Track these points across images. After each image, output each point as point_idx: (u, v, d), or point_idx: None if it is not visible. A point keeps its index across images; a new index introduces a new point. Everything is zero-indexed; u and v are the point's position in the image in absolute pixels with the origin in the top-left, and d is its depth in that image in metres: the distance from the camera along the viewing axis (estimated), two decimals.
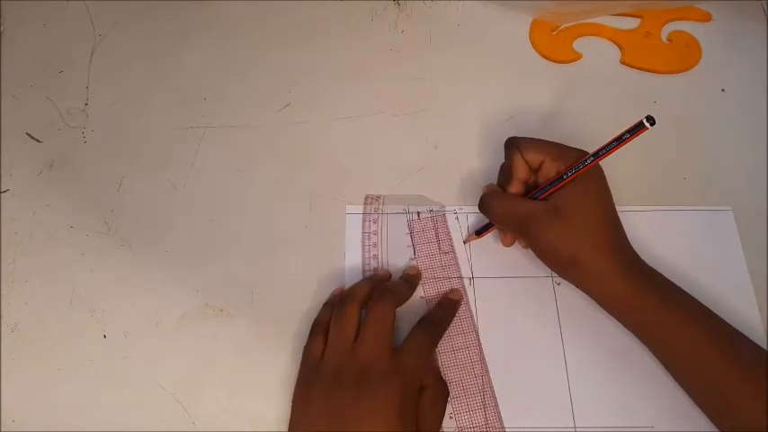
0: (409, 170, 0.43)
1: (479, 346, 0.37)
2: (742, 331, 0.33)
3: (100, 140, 0.44)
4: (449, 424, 0.35)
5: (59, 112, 0.45)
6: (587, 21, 0.49)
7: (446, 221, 0.41)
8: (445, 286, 0.39)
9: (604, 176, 0.36)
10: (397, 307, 0.35)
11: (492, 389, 0.36)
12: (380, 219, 0.41)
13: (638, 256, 0.35)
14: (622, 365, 0.37)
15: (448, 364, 0.36)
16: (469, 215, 0.41)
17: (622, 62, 0.48)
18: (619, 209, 0.36)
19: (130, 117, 0.45)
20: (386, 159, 0.43)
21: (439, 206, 0.41)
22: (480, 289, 0.39)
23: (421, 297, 0.39)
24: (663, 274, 0.35)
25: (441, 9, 0.50)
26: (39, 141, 0.44)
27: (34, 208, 0.41)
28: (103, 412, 0.35)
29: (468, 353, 0.37)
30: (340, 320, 0.34)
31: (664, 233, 0.40)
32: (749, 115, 0.46)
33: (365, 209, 0.41)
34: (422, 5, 0.51)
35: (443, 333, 0.36)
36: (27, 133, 0.44)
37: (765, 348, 0.33)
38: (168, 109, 0.45)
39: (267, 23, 0.49)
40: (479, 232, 0.40)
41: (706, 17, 0.50)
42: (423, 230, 0.41)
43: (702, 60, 0.48)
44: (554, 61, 0.48)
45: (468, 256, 0.40)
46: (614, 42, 0.48)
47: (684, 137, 0.45)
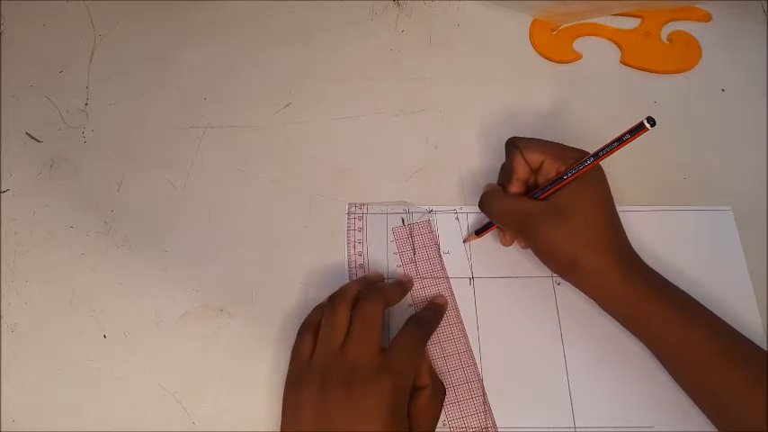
0: (409, 170, 0.43)
1: (470, 352, 0.37)
2: (742, 331, 0.33)
3: (100, 140, 0.44)
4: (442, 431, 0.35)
5: (59, 112, 0.45)
6: (587, 21, 0.49)
7: (430, 226, 0.41)
8: (434, 292, 0.39)
9: (605, 177, 0.36)
10: (387, 307, 0.35)
11: (485, 394, 0.36)
12: (366, 226, 0.41)
13: (638, 257, 0.35)
14: (622, 365, 0.37)
15: (439, 371, 0.36)
16: (469, 215, 0.41)
17: (622, 62, 0.48)
18: (619, 209, 0.36)
19: (130, 117, 0.45)
20: (386, 159, 0.43)
21: (424, 211, 0.41)
22: (480, 289, 0.39)
23: (409, 305, 0.38)
24: (663, 276, 0.35)
25: (441, 9, 0.50)
26: (39, 141, 0.44)
27: (34, 208, 0.41)
28: (103, 412, 0.35)
29: (459, 358, 0.37)
30: (330, 320, 0.34)
31: (664, 233, 0.40)
32: (749, 115, 0.46)
33: (349, 216, 0.41)
34: (422, 5, 0.51)
35: (432, 332, 0.36)
36: (27, 133, 0.44)
37: (766, 350, 0.33)
38: (168, 109, 0.45)
39: (267, 23, 0.49)
40: (479, 232, 0.40)
41: (706, 17, 0.50)
42: (409, 236, 0.41)
43: (702, 60, 0.48)
44: (554, 61, 0.48)
45: (467, 256, 0.40)
46: (614, 42, 0.48)
47: (684, 137, 0.45)
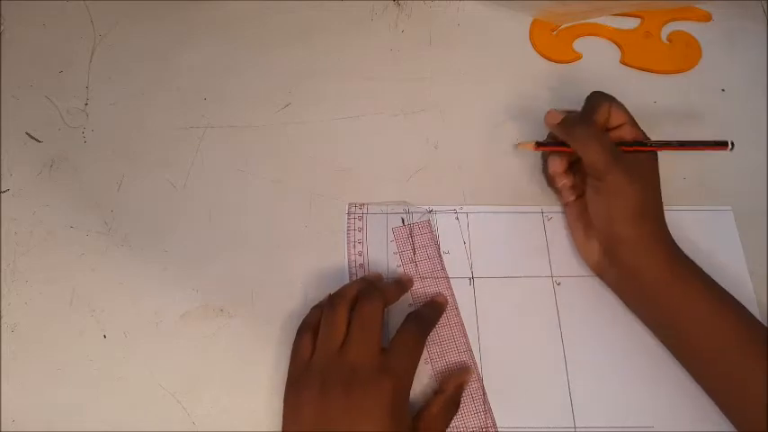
0: (409, 170, 0.43)
1: (470, 352, 0.37)
2: None
3: (100, 140, 0.44)
4: None
5: (59, 112, 0.45)
6: (587, 21, 0.49)
7: (430, 226, 0.41)
8: (434, 291, 0.39)
9: None
10: (386, 306, 0.35)
11: (485, 394, 0.36)
12: (366, 226, 0.41)
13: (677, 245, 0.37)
14: (622, 365, 0.37)
15: (439, 370, 0.36)
16: (469, 215, 0.41)
17: (622, 62, 0.48)
18: None
19: (130, 117, 0.45)
20: (386, 159, 0.43)
21: (424, 211, 0.41)
22: (480, 289, 0.39)
23: (409, 305, 0.38)
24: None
25: (441, 9, 0.50)
26: (39, 141, 0.44)
27: (34, 208, 0.41)
28: (103, 412, 0.35)
29: (459, 358, 0.37)
30: (329, 321, 0.34)
31: None
32: (749, 115, 0.46)
33: (349, 216, 0.41)
34: (422, 5, 0.51)
35: (431, 329, 0.36)
36: (27, 133, 0.44)
37: None
38: (168, 109, 0.45)
39: (267, 23, 0.49)
40: (541, 144, 0.40)
41: (706, 17, 0.50)
42: (410, 236, 0.41)
43: (702, 60, 0.48)
44: (554, 61, 0.48)
45: (467, 256, 0.40)
46: (614, 42, 0.49)
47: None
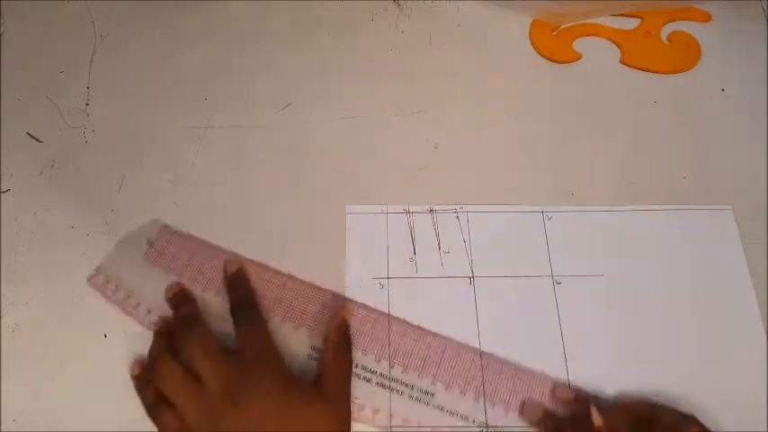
0: (409, 170, 0.43)
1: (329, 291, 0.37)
2: (741, 331, 0.33)
3: (101, 140, 0.44)
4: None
5: (60, 112, 0.45)
6: (587, 21, 0.49)
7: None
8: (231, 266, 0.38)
9: None
10: (199, 318, 0.35)
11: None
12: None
13: None
14: (622, 365, 0.37)
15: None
16: (469, 214, 0.41)
17: (622, 62, 0.48)
18: (619, 208, 0.36)
19: (131, 117, 0.45)
20: (386, 159, 0.43)
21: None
22: (480, 289, 0.39)
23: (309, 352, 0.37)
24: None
25: (441, 9, 0.50)
26: (39, 141, 0.44)
27: (35, 208, 0.41)
28: (104, 412, 0.35)
29: (321, 302, 0.37)
30: (169, 385, 0.32)
31: (664, 233, 0.40)
32: (749, 115, 0.46)
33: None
34: (422, 5, 0.51)
35: (255, 299, 0.36)
36: (28, 133, 0.44)
37: None
38: (169, 109, 0.45)
39: (267, 23, 0.49)
40: None
41: (706, 17, 0.50)
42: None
43: (702, 60, 0.48)
44: (554, 61, 0.48)
45: (468, 256, 0.40)
46: (614, 42, 0.49)
47: (684, 137, 0.45)
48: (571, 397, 0.34)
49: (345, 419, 0.33)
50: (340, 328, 0.35)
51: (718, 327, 0.34)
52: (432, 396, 0.35)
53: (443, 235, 0.41)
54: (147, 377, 0.34)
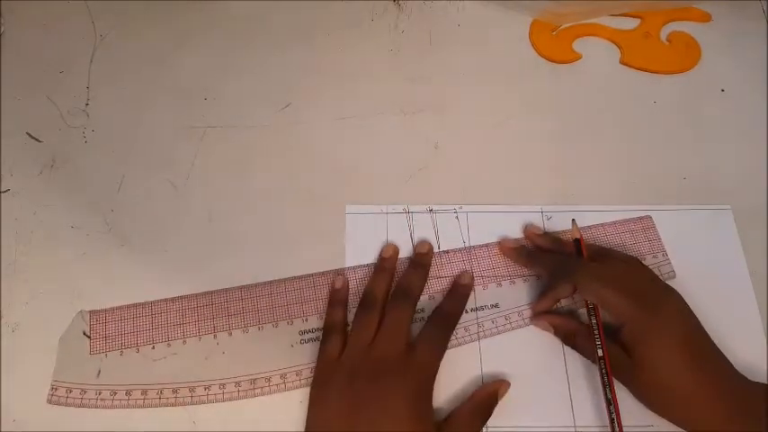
0: (409, 170, 0.43)
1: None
2: (741, 331, 0.33)
3: (100, 140, 0.44)
4: None
5: (60, 113, 0.45)
6: (587, 21, 0.49)
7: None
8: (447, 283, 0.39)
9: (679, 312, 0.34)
10: (416, 302, 0.36)
11: None
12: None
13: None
14: None
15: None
16: (469, 214, 0.41)
17: (622, 62, 0.48)
18: (618, 208, 0.36)
19: (131, 117, 0.45)
20: (386, 159, 0.43)
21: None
22: (480, 289, 0.39)
23: (430, 298, 0.38)
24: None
25: (441, 9, 0.51)
26: (39, 141, 0.44)
27: (35, 208, 0.41)
28: (103, 412, 0.35)
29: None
30: (361, 324, 0.35)
31: (664, 233, 0.40)
32: (749, 115, 0.46)
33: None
34: (422, 5, 0.51)
35: (455, 325, 0.37)
36: (27, 133, 0.44)
37: None
38: (168, 109, 0.45)
39: (267, 23, 0.49)
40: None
41: (706, 17, 0.50)
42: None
43: (702, 60, 0.48)
44: (554, 61, 0.48)
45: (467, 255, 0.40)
46: (614, 42, 0.49)
47: (684, 137, 0.45)
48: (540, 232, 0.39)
49: None
50: (491, 396, 0.35)
51: (717, 326, 0.34)
52: None
53: (443, 235, 0.41)
54: (339, 297, 0.37)
